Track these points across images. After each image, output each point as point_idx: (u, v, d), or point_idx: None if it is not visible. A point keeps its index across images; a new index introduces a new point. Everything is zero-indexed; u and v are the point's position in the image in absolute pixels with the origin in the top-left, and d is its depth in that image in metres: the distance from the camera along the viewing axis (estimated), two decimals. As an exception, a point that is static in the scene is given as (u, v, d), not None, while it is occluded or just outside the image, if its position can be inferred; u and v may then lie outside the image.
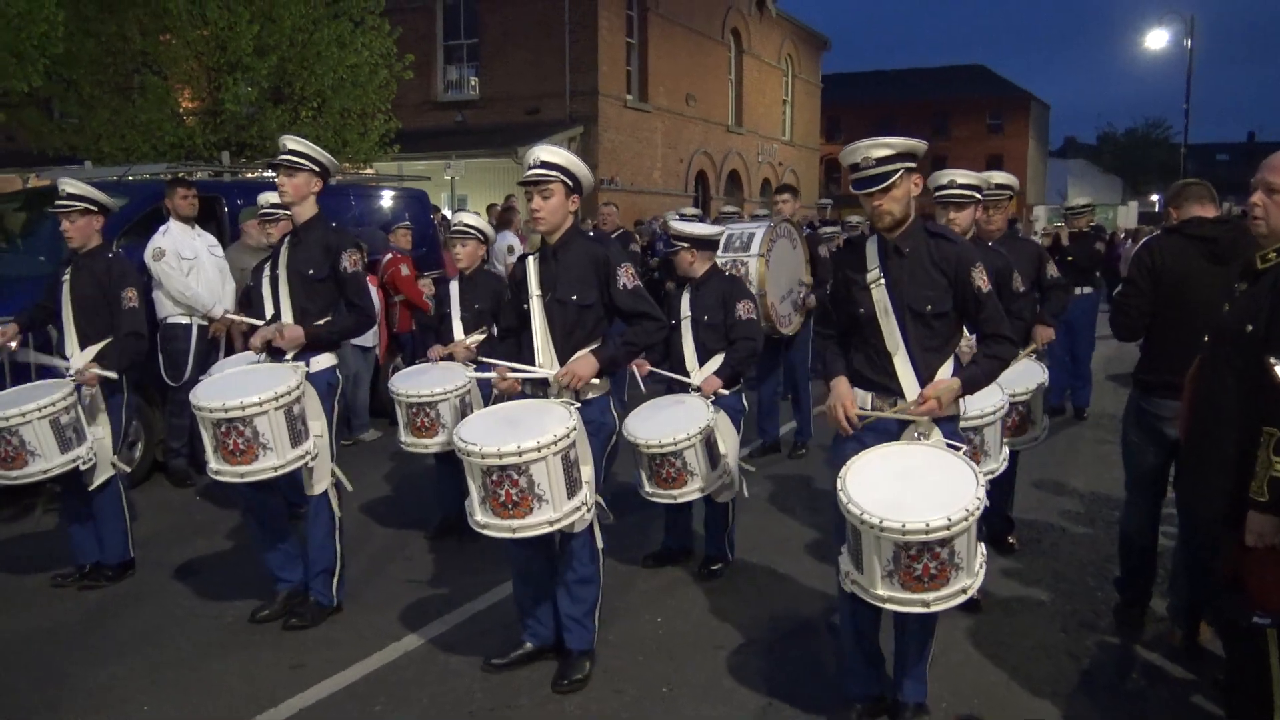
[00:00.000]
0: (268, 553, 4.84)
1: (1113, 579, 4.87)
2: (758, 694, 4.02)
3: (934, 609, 3.23)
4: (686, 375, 5.27)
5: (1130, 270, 4.39)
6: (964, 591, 3.23)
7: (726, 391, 5.22)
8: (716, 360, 5.25)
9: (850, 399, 3.57)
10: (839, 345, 3.79)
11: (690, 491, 4.91)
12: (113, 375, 5.11)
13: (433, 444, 5.70)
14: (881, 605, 3.27)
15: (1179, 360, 3.91)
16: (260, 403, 4.33)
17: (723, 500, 5.25)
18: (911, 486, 3.27)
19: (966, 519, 3.13)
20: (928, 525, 3.09)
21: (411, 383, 5.76)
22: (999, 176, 5.39)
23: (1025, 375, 5.17)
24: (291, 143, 4.70)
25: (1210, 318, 3.84)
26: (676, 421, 4.88)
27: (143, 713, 3.96)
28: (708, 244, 5.51)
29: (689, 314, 5.35)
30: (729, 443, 5.10)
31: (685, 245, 5.45)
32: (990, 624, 4.66)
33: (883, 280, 3.57)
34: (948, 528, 3.10)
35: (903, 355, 3.55)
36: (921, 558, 3.14)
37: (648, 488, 4.97)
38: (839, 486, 3.30)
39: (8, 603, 5.14)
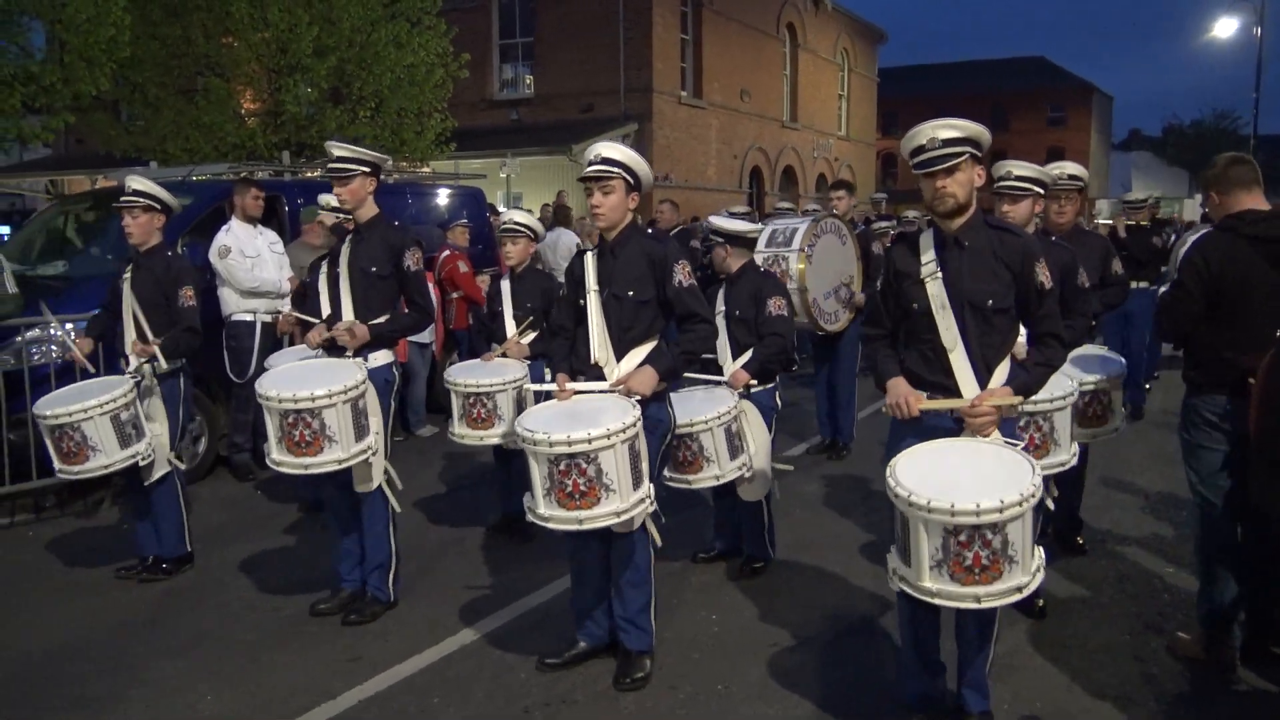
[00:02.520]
0: (339, 551, 4.92)
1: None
2: (814, 694, 3.98)
3: (985, 605, 3.12)
4: (719, 369, 5.23)
5: (1181, 272, 4.11)
6: (1018, 590, 3.11)
7: (759, 387, 5.19)
8: (746, 354, 5.23)
9: (913, 393, 3.48)
10: (890, 346, 3.71)
11: (705, 478, 4.85)
12: (162, 360, 5.20)
13: (489, 436, 5.58)
14: (930, 600, 3.15)
15: (1231, 360, 3.83)
16: (330, 395, 4.38)
17: (752, 499, 5.21)
18: (964, 473, 3.19)
19: (1020, 504, 3.03)
20: (978, 506, 2.99)
21: (469, 373, 5.72)
22: (1071, 167, 5.24)
23: (1103, 363, 5.03)
24: (338, 150, 4.73)
25: (1269, 317, 3.71)
26: (697, 406, 4.86)
27: (205, 702, 4.03)
28: (742, 240, 5.48)
29: (723, 309, 5.33)
30: (758, 439, 5.05)
31: (720, 241, 5.43)
32: (1053, 626, 4.57)
33: (939, 273, 3.49)
34: (999, 510, 3.00)
35: (960, 352, 3.46)
36: (972, 544, 3.04)
37: (665, 471, 4.88)
38: (888, 474, 3.23)
39: (76, 594, 5.27)
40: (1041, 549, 3.25)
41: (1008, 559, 3.07)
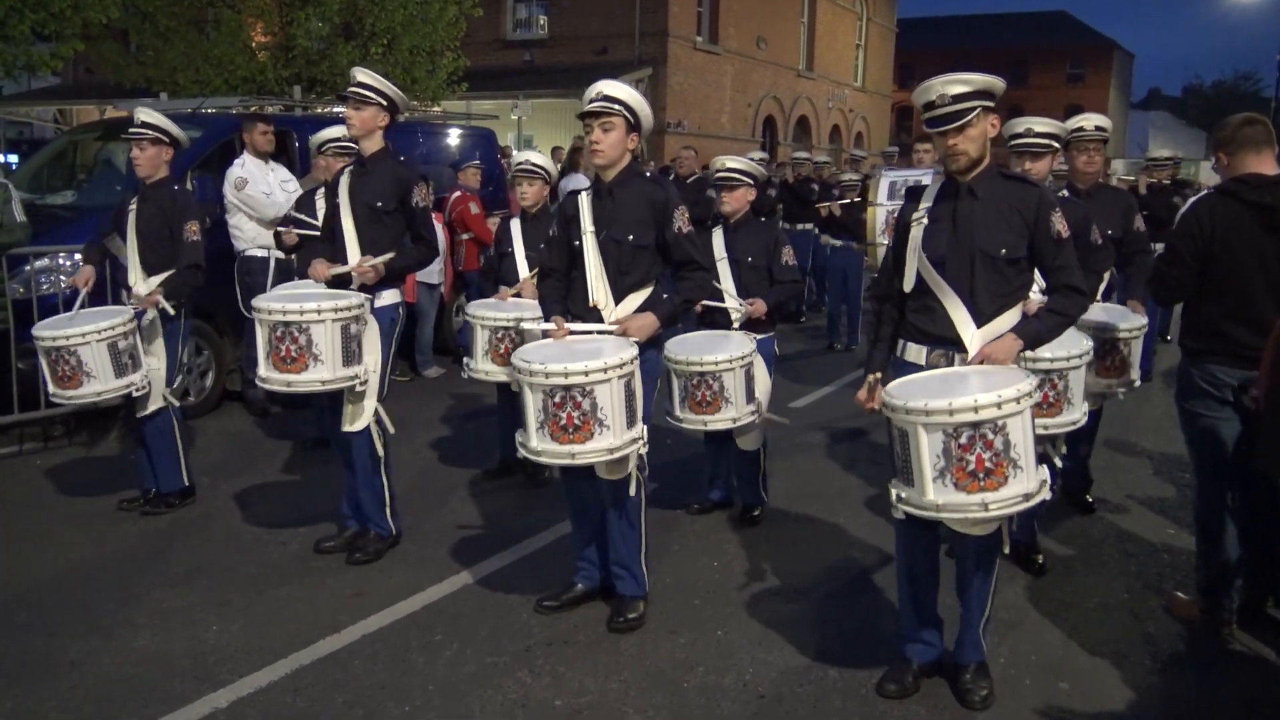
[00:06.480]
0: (346, 490, 4.93)
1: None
2: (813, 643, 4.02)
3: (993, 512, 3.09)
4: (727, 315, 5.20)
5: (1175, 236, 4.01)
6: (1026, 498, 3.10)
7: (763, 334, 5.18)
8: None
9: (875, 396, 3.47)
10: (891, 320, 3.70)
11: (722, 419, 4.78)
12: (170, 309, 5.17)
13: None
14: (936, 515, 3.14)
15: (1228, 326, 3.81)
16: (319, 310, 4.37)
17: (751, 448, 5.24)
18: (956, 384, 3.25)
19: (1018, 400, 3.05)
20: (976, 403, 3.02)
21: (495, 308, 5.62)
22: (1098, 119, 5.23)
23: (1126, 316, 5.00)
24: (361, 75, 4.69)
25: (1264, 286, 3.69)
26: (719, 346, 4.83)
27: (211, 633, 4.08)
28: (760, 183, 5.52)
29: (725, 254, 5.28)
30: (761, 386, 5.06)
31: (749, 182, 5.36)
32: (1051, 583, 4.60)
33: (925, 220, 3.51)
34: (998, 405, 3.02)
35: (953, 300, 3.45)
36: (974, 446, 3.04)
37: (678, 411, 4.84)
38: (883, 396, 3.28)
39: (83, 523, 5.31)
40: (1045, 467, 3.25)
41: (1011, 462, 3.07)
